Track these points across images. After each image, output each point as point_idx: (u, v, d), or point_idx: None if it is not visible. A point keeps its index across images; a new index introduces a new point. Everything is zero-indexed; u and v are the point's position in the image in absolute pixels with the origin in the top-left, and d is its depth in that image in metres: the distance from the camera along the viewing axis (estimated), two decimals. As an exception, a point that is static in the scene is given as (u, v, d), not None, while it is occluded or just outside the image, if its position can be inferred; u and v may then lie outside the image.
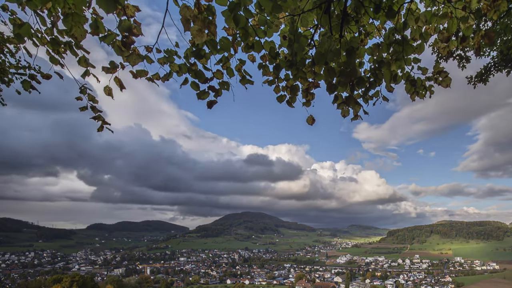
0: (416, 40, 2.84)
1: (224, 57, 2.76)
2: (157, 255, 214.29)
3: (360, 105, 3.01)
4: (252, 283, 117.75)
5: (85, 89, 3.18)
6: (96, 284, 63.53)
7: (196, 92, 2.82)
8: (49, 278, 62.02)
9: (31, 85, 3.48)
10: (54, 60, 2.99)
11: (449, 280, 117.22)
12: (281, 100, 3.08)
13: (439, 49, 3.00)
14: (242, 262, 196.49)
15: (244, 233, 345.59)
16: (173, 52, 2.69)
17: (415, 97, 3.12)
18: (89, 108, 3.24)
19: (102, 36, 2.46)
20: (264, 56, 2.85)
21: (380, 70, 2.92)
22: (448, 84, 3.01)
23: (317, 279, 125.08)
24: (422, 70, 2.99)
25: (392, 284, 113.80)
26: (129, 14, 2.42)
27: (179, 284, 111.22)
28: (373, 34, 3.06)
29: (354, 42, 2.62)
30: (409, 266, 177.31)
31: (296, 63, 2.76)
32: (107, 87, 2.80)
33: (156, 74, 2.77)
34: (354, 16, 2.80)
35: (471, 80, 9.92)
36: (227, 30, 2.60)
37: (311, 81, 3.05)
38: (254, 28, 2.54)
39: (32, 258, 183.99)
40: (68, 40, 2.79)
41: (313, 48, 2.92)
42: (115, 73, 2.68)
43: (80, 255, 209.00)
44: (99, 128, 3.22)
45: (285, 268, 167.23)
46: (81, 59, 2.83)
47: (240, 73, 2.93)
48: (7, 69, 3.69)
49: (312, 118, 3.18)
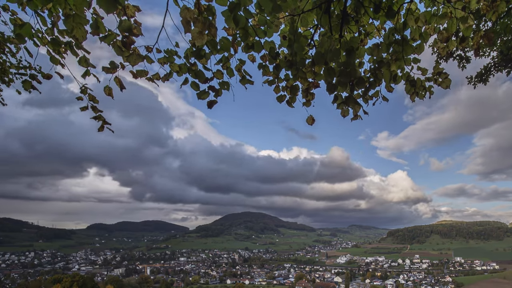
0: (415, 40, 2.85)
1: (224, 57, 2.76)
2: (157, 255, 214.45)
3: (359, 105, 3.01)
4: (252, 283, 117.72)
5: (86, 89, 3.18)
6: (96, 284, 63.49)
7: (196, 92, 2.83)
8: (49, 278, 62.00)
9: (31, 85, 3.49)
10: (55, 60, 3.00)
11: (449, 280, 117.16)
12: (281, 100, 3.08)
13: (438, 49, 3.01)
14: (242, 262, 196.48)
15: (244, 233, 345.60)
16: (173, 52, 2.70)
17: (415, 98, 3.12)
18: (90, 108, 3.25)
19: (102, 36, 2.46)
20: (264, 56, 2.85)
21: (379, 70, 2.92)
22: (448, 85, 3.01)
23: (317, 279, 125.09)
24: (422, 70, 2.99)
25: (392, 284, 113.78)
26: (129, 14, 2.42)
27: (179, 284, 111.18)
28: (373, 34, 3.07)
29: (354, 42, 2.63)
30: (409, 266, 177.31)
31: (296, 63, 2.76)
32: (107, 87, 2.81)
33: (156, 74, 2.78)
34: (354, 16, 2.81)
35: (471, 80, 9.93)
36: (227, 30, 2.61)
37: (311, 81, 3.06)
38: (254, 28, 2.54)
39: (32, 258, 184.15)
40: (68, 40, 2.80)
41: (313, 48, 2.92)
42: (115, 73, 2.69)
43: (80, 255, 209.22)
44: (100, 128, 3.22)
45: (285, 268, 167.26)
46: (81, 59, 2.84)
47: (240, 73, 2.94)
48: (7, 69, 3.70)
49: (312, 118, 3.18)
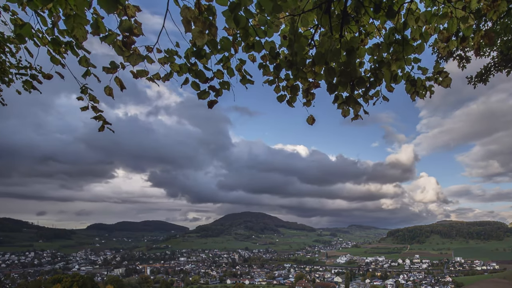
0: (416, 40, 2.85)
1: (225, 57, 2.76)
2: (157, 255, 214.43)
3: (360, 105, 3.01)
4: (252, 283, 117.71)
5: (86, 89, 3.19)
6: (96, 284, 63.50)
7: (197, 92, 2.83)
8: (49, 278, 62.03)
9: (32, 85, 3.49)
10: (55, 60, 3.00)
11: (449, 280, 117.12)
12: (281, 100, 3.09)
13: (439, 49, 3.01)
14: (242, 262, 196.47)
15: (244, 233, 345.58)
16: (174, 52, 2.70)
17: (415, 97, 3.12)
18: (90, 108, 3.25)
19: (103, 36, 2.46)
20: (265, 56, 2.86)
21: (380, 70, 2.92)
22: (448, 84, 3.01)
23: (317, 279, 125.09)
24: (422, 70, 2.99)
25: (392, 284, 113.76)
26: (130, 14, 2.42)
27: (179, 284, 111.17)
28: (373, 34, 3.07)
29: (354, 42, 2.62)
30: (409, 266, 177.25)
31: (296, 63, 2.76)
32: (107, 87, 2.81)
33: (157, 74, 2.78)
34: (354, 16, 2.81)
35: (471, 80, 9.93)
36: (228, 30, 2.61)
37: (312, 81, 3.06)
38: (255, 28, 2.54)
39: (32, 258, 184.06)
40: (69, 40, 2.80)
41: (313, 48, 2.92)
42: (115, 73, 2.69)
43: (80, 255, 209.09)
44: (100, 128, 3.23)
45: (285, 268, 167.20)
46: (82, 59, 2.84)
47: (241, 73, 2.94)
48: (8, 69, 3.70)
49: (312, 118, 3.18)
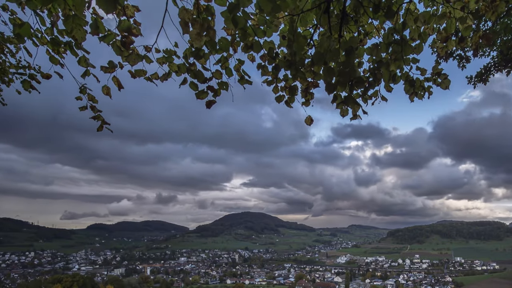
0: (415, 40, 2.85)
1: (223, 57, 2.76)
2: (157, 255, 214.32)
3: (359, 104, 3.01)
4: (252, 283, 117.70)
5: (85, 88, 3.19)
6: (96, 284, 63.52)
7: (195, 92, 2.83)
8: (49, 278, 62.06)
9: (31, 85, 3.49)
10: (54, 60, 3.00)
11: (449, 280, 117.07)
12: (280, 100, 3.08)
13: (437, 49, 3.01)
14: (242, 262, 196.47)
15: (244, 233, 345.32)
16: (172, 52, 2.70)
17: (413, 98, 3.12)
18: (89, 108, 3.25)
19: (101, 36, 2.46)
20: (264, 56, 2.85)
21: (379, 70, 2.92)
22: (447, 86, 3.01)
23: (317, 279, 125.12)
24: (421, 70, 2.99)
25: (392, 284, 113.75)
26: (129, 14, 2.42)
27: (179, 284, 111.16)
28: (372, 34, 3.07)
29: (353, 42, 2.62)
30: (409, 266, 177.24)
31: (295, 63, 2.76)
32: (105, 86, 2.81)
33: (155, 74, 2.78)
34: (353, 16, 2.80)
35: (471, 80, 9.93)
36: (227, 30, 2.60)
37: (310, 81, 3.06)
38: (253, 28, 2.54)
39: (32, 258, 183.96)
40: (68, 40, 2.80)
41: (312, 48, 2.92)
42: (113, 72, 2.69)
43: (80, 255, 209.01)
44: (99, 127, 3.23)
45: (285, 268, 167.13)
46: (81, 59, 2.84)
47: (239, 73, 2.94)
48: (7, 69, 3.70)
49: (310, 118, 3.18)
